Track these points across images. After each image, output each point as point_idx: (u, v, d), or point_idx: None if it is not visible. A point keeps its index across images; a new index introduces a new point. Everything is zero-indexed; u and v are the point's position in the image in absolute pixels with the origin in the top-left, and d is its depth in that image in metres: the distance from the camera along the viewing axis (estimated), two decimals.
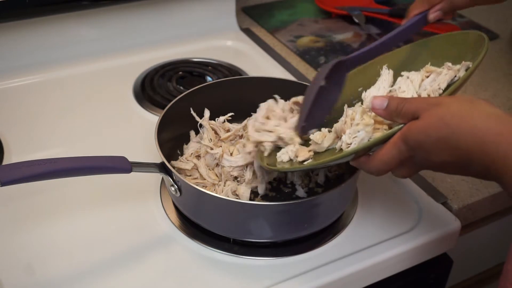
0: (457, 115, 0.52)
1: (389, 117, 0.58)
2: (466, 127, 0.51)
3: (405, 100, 0.56)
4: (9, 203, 0.76)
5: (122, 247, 0.72)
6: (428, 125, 0.53)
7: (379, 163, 0.58)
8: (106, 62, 1.07)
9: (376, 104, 0.58)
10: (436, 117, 0.53)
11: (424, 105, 0.54)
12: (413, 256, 0.75)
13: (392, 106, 0.57)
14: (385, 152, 0.57)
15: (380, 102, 0.57)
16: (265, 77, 0.88)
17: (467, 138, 0.51)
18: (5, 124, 0.91)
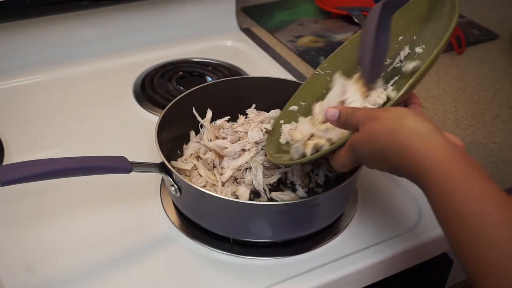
0: (387, 132, 0.56)
1: (341, 127, 0.64)
2: (393, 144, 0.56)
3: (352, 112, 0.61)
4: (9, 203, 0.76)
5: (122, 247, 0.72)
6: (363, 139, 0.59)
7: (339, 164, 0.64)
8: (106, 62, 1.07)
9: (329, 116, 0.63)
10: (369, 132, 0.58)
11: (363, 118, 0.59)
12: (413, 256, 0.75)
13: (342, 118, 0.62)
14: (342, 155, 0.63)
15: (332, 113, 0.63)
16: (265, 77, 0.88)
17: (394, 154, 0.56)
18: (5, 124, 0.91)
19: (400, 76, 0.71)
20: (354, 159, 0.62)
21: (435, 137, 0.55)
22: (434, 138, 0.54)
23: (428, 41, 0.71)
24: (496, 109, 1.02)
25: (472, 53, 1.19)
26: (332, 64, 0.79)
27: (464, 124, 0.98)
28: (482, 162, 0.90)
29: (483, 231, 0.49)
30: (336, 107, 0.63)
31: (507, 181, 0.85)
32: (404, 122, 0.56)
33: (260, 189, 0.74)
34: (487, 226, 0.49)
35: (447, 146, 0.54)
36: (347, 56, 0.78)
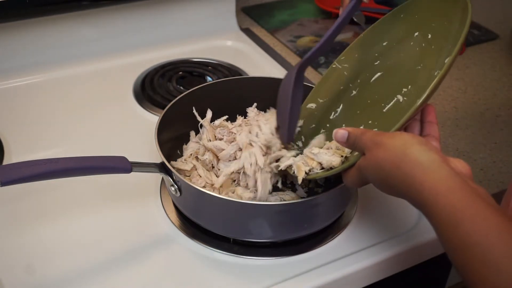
0: (391, 162, 0.56)
1: (350, 148, 0.64)
2: (397, 174, 0.56)
3: (360, 135, 0.61)
4: (9, 203, 0.76)
5: (122, 247, 0.72)
6: (369, 165, 0.59)
7: (349, 181, 0.65)
8: (106, 62, 1.07)
9: (338, 137, 0.64)
10: (374, 160, 0.58)
11: (369, 144, 0.59)
12: (413, 256, 0.75)
13: (351, 140, 0.62)
14: (352, 174, 0.63)
15: (341, 135, 0.63)
16: (265, 77, 0.88)
17: (398, 183, 0.56)
18: (5, 124, 0.91)
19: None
20: (363, 180, 0.62)
21: (439, 168, 0.54)
22: (438, 169, 0.54)
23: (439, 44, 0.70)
24: (496, 109, 1.02)
25: (472, 53, 1.19)
26: (350, 57, 0.78)
27: (464, 124, 0.98)
28: (482, 162, 0.90)
29: (491, 262, 0.49)
30: (346, 128, 0.63)
31: (507, 181, 0.85)
32: (408, 152, 0.56)
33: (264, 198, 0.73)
34: (495, 257, 0.49)
35: (451, 178, 0.53)
36: (364, 48, 0.77)
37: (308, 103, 0.79)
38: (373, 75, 0.76)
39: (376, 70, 0.76)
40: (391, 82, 0.73)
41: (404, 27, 0.74)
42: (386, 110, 0.71)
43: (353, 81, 0.78)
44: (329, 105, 0.78)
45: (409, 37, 0.73)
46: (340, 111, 0.77)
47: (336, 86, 0.78)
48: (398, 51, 0.74)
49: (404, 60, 0.73)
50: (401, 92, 0.70)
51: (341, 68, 0.79)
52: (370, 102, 0.74)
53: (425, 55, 0.70)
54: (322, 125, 0.78)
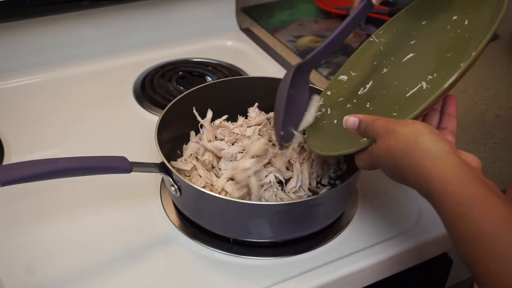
0: (402, 150, 0.57)
1: (361, 135, 0.63)
2: (407, 162, 0.56)
3: (371, 122, 0.61)
4: (9, 203, 0.76)
5: (122, 247, 0.72)
6: (380, 152, 0.60)
7: (361, 164, 0.65)
8: (106, 62, 1.07)
9: (349, 124, 0.63)
10: (385, 148, 0.58)
11: (381, 132, 0.59)
12: (413, 256, 0.75)
13: (362, 127, 0.62)
14: (364, 158, 0.63)
15: (352, 122, 0.63)
16: (265, 77, 0.88)
17: (408, 172, 0.56)
18: (5, 124, 0.91)
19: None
20: (373, 165, 0.62)
21: (448, 157, 0.54)
22: (447, 158, 0.54)
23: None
24: (496, 109, 1.02)
25: None
26: (388, 31, 0.76)
27: (464, 124, 0.98)
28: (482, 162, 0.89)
29: (498, 252, 0.49)
30: (356, 115, 0.63)
31: (507, 181, 0.85)
32: (419, 141, 0.56)
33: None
34: (502, 247, 0.49)
35: (460, 167, 0.54)
36: (403, 25, 0.75)
37: (340, 75, 0.77)
38: (406, 55, 0.73)
39: (410, 49, 0.73)
40: (420, 66, 0.71)
41: (444, 8, 0.72)
42: (409, 95, 0.68)
43: (386, 57, 0.76)
44: (360, 79, 0.76)
45: (447, 20, 0.71)
46: (369, 87, 0.75)
47: (370, 61, 0.76)
48: (434, 33, 0.72)
49: (437, 44, 0.70)
50: (426, 79, 0.67)
51: (378, 42, 0.76)
52: (397, 83, 0.71)
53: (457, 42, 0.68)
54: (349, 100, 0.76)
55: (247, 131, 0.79)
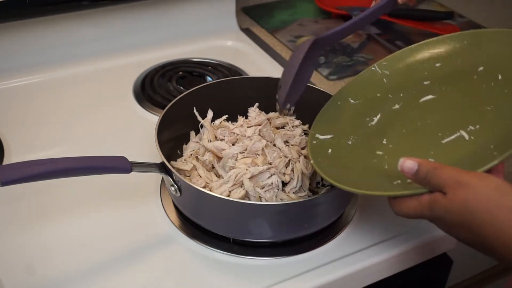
0: (483, 206, 0.52)
1: (417, 182, 0.57)
2: (490, 224, 0.51)
3: (435, 169, 0.55)
4: (9, 203, 0.76)
5: (122, 247, 0.72)
6: (452, 206, 0.54)
7: (402, 212, 0.58)
8: (106, 62, 1.07)
9: (406, 168, 0.57)
10: (461, 201, 0.53)
11: (451, 183, 0.54)
12: (413, 256, 0.75)
13: (422, 174, 0.56)
14: (411, 207, 0.57)
15: (410, 166, 0.57)
16: (265, 77, 0.88)
17: (491, 235, 0.52)
18: (5, 124, 0.91)
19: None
20: (426, 216, 0.56)
21: None
22: None
23: None
24: None
25: None
26: (393, 65, 0.74)
27: None
28: None
29: None
30: (415, 159, 0.57)
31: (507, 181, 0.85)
32: (505, 199, 0.51)
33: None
34: None
35: None
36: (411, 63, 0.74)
37: (337, 100, 0.75)
38: (422, 95, 0.71)
39: (426, 91, 0.71)
40: (450, 112, 0.68)
41: (466, 57, 0.71)
42: (446, 142, 0.64)
43: (393, 92, 0.73)
44: (361, 109, 0.74)
45: (471, 70, 0.69)
46: (378, 121, 0.72)
47: (373, 91, 0.74)
48: (457, 80, 0.70)
49: (466, 93, 0.68)
50: (466, 129, 0.64)
51: (381, 73, 0.74)
52: (421, 125, 0.68)
53: (496, 97, 0.66)
54: (355, 130, 0.72)
55: (247, 131, 0.79)
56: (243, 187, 0.72)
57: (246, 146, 0.76)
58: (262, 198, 0.72)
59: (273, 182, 0.73)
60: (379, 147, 0.68)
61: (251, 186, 0.71)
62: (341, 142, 0.71)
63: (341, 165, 0.67)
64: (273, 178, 0.73)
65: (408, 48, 0.75)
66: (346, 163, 0.67)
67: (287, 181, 0.75)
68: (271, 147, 0.78)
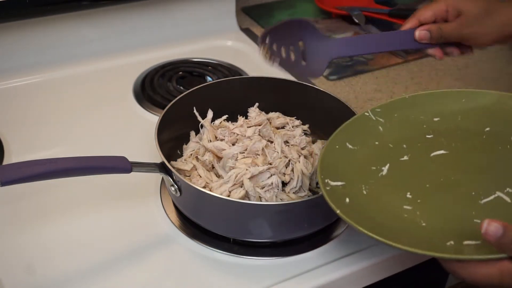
0: None
1: (499, 247, 0.52)
2: None
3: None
4: (9, 203, 0.76)
5: (122, 247, 0.72)
6: None
7: (472, 279, 0.54)
8: (106, 62, 1.07)
9: (490, 231, 0.52)
10: None
11: None
12: (413, 256, 0.75)
13: (507, 238, 0.51)
14: (484, 274, 0.53)
15: (495, 229, 0.51)
16: (265, 77, 0.88)
17: None
18: (5, 124, 0.91)
19: None
20: (502, 284, 0.52)
21: None
22: None
23: None
24: None
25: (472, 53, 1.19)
26: (387, 113, 0.73)
27: None
28: None
29: None
30: (499, 222, 0.51)
31: None
32: None
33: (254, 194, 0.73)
34: None
35: None
36: (407, 114, 0.72)
37: (335, 144, 0.70)
38: (431, 149, 0.69)
39: (433, 145, 0.69)
40: (474, 170, 0.66)
41: (466, 114, 0.71)
42: (484, 203, 0.61)
43: (394, 143, 0.71)
44: (363, 156, 0.70)
45: (477, 129, 0.70)
46: (389, 171, 0.68)
47: (370, 139, 0.71)
48: (465, 138, 0.70)
49: (483, 152, 0.68)
50: (503, 191, 0.61)
51: (375, 120, 0.72)
52: (445, 181, 0.65)
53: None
54: (363, 178, 0.67)
55: (247, 131, 0.79)
56: (243, 187, 0.72)
57: (246, 146, 0.76)
58: (262, 198, 0.72)
59: (273, 182, 0.73)
60: (405, 201, 0.64)
61: (251, 186, 0.71)
62: (355, 191, 0.65)
63: (367, 216, 0.61)
64: (273, 178, 0.73)
65: (402, 98, 0.74)
66: (372, 215, 0.62)
67: (287, 181, 0.75)
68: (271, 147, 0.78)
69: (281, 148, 0.77)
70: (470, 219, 0.59)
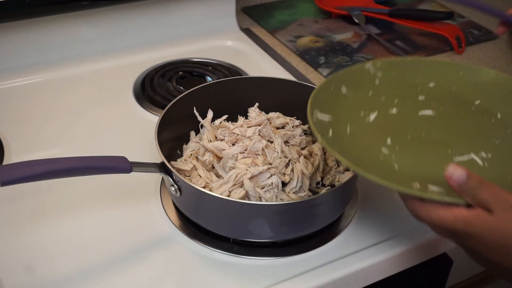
0: None
1: (459, 191, 0.54)
2: None
3: (483, 184, 0.53)
4: (9, 203, 0.76)
5: (122, 247, 0.72)
6: (499, 227, 0.51)
7: (429, 219, 0.56)
8: (106, 62, 1.07)
9: (454, 175, 0.54)
10: (508, 222, 0.51)
11: (501, 202, 0.52)
12: (413, 256, 0.75)
13: (469, 185, 0.53)
14: (442, 217, 0.54)
15: (459, 174, 0.54)
16: (265, 77, 0.88)
17: None
18: (5, 124, 0.91)
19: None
20: (457, 231, 0.53)
21: None
22: None
23: None
24: None
25: (472, 53, 1.19)
26: (386, 70, 0.74)
27: None
28: None
29: None
30: (464, 168, 0.54)
31: None
32: None
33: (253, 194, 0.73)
34: None
35: None
36: (405, 74, 0.74)
37: (331, 84, 0.72)
38: (420, 109, 0.72)
39: (423, 105, 0.72)
40: (455, 133, 0.69)
41: (460, 86, 0.73)
42: (458, 161, 0.64)
43: (387, 96, 0.73)
44: (354, 101, 0.72)
45: (468, 100, 0.72)
46: (376, 119, 0.71)
47: (364, 88, 0.73)
48: (454, 105, 0.72)
49: (468, 120, 0.70)
50: (478, 154, 0.64)
51: (373, 74, 0.74)
52: (426, 137, 0.69)
53: (501, 134, 0.67)
54: (349, 119, 0.70)
55: (247, 131, 0.79)
56: (243, 187, 0.72)
57: (246, 146, 0.76)
58: (262, 198, 0.72)
59: (273, 182, 0.73)
60: (384, 145, 0.67)
61: (251, 186, 0.71)
62: (340, 127, 0.68)
63: (346, 150, 0.64)
64: (273, 178, 0.73)
65: (402, 59, 0.77)
66: (350, 150, 0.64)
67: (287, 181, 0.75)
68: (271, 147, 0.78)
69: (281, 148, 0.77)
70: (440, 170, 0.58)
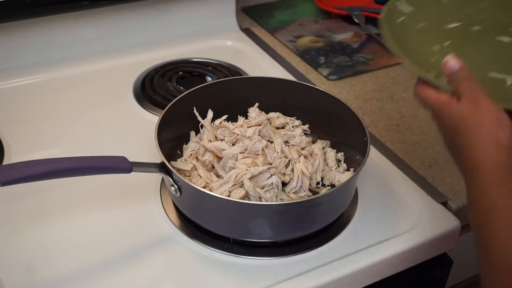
0: (476, 126, 0.58)
1: (449, 80, 0.63)
2: (472, 138, 0.58)
3: (468, 79, 0.61)
4: (9, 203, 0.76)
5: (122, 247, 0.72)
6: (456, 111, 0.60)
7: (420, 96, 0.64)
8: (106, 62, 1.07)
9: (449, 63, 0.62)
10: (465, 112, 0.59)
11: (471, 95, 0.60)
12: (413, 256, 0.75)
13: (457, 75, 0.62)
14: (428, 96, 0.63)
15: (453, 64, 0.62)
16: (265, 77, 0.88)
17: (470, 149, 0.58)
18: (5, 124, 0.91)
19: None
20: (432, 108, 0.62)
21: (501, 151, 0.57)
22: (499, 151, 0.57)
23: None
24: None
25: None
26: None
27: None
28: None
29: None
30: (462, 62, 0.62)
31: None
32: (501, 134, 0.58)
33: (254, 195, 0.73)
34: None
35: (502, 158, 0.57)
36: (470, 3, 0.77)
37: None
38: (500, 34, 0.75)
39: (475, 22, 0.75)
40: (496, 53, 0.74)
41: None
42: (490, 76, 0.70)
43: (482, 16, 0.76)
44: (436, 14, 0.75)
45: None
46: (454, 28, 0.75)
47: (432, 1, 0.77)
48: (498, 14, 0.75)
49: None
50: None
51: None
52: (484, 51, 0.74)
53: None
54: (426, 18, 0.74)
55: (247, 131, 0.79)
56: (243, 187, 0.72)
57: (246, 146, 0.76)
58: (262, 198, 0.72)
59: (273, 182, 0.73)
60: (439, 44, 0.72)
61: (251, 186, 0.71)
62: (413, 21, 0.73)
63: (402, 39, 0.69)
64: (273, 178, 0.73)
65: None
66: (404, 37, 0.70)
67: (287, 181, 0.75)
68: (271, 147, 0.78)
69: (281, 148, 0.77)
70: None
